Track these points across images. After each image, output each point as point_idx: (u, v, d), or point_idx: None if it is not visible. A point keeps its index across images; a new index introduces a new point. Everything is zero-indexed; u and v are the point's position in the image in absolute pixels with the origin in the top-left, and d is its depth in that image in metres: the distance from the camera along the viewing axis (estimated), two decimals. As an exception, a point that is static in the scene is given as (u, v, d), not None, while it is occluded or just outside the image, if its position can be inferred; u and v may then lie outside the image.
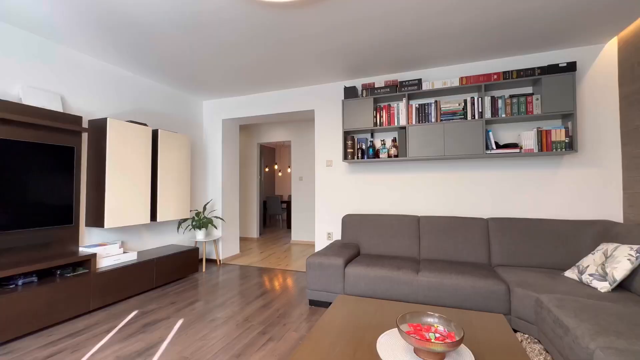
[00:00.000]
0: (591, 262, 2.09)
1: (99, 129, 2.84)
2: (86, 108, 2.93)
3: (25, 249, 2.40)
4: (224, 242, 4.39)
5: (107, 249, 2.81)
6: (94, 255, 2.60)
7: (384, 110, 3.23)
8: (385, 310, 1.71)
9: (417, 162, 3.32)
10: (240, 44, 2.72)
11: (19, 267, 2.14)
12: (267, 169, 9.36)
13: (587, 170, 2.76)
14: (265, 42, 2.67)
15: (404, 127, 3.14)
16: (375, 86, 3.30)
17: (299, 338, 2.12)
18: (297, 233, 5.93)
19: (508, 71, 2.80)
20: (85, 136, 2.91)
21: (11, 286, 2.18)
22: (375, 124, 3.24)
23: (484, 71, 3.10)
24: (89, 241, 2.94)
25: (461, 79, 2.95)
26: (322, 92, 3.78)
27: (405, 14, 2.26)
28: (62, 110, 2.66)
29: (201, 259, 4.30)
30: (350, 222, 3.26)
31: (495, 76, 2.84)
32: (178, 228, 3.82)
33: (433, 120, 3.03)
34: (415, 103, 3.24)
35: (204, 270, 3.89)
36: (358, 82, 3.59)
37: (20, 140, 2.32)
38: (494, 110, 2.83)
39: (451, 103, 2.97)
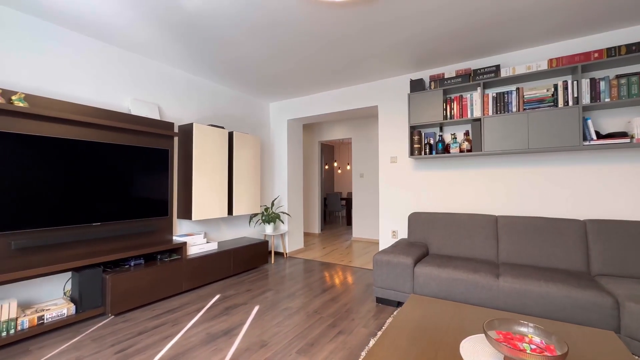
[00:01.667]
0: None
1: (186, 133, 3.24)
2: (176, 115, 3.36)
3: (133, 236, 2.86)
4: (289, 236, 4.61)
5: (194, 238, 3.19)
6: (185, 243, 2.98)
7: (454, 102, 3.02)
8: (464, 314, 1.61)
9: (494, 157, 3.03)
10: (304, 44, 2.81)
11: (132, 251, 2.57)
12: (326, 167, 9.52)
13: None
14: (329, 40, 2.72)
15: (478, 119, 2.90)
16: (445, 77, 3.10)
17: (368, 334, 2.13)
18: (358, 230, 5.92)
19: (614, 47, 2.38)
20: (176, 140, 3.33)
21: (126, 266, 2.63)
22: (445, 117, 3.05)
23: (579, 50, 2.68)
24: (179, 231, 3.38)
25: (550, 61, 2.60)
26: (385, 87, 3.70)
27: (484, -4, 2.08)
28: (159, 118, 3.09)
29: (270, 251, 4.60)
30: (417, 220, 3.14)
31: (595, 54, 2.43)
32: (249, 222, 4.14)
33: (514, 109, 2.73)
34: (491, 92, 2.96)
35: (272, 262, 4.15)
36: (425, 74, 3.42)
37: (129, 144, 2.77)
38: (595, 94, 2.43)
39: (537, 89, 2.64)
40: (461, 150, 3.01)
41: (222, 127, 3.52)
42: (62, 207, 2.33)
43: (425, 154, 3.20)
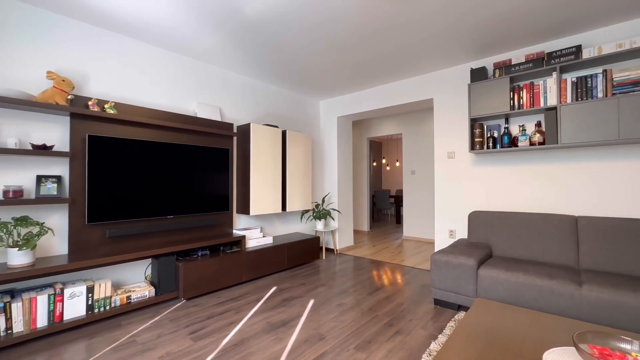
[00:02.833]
0: None
1: (244, 133, 3.43)
2: (234, 116, 3.57)
3: (199, 229, 3.12)
4: (339, 233, 4.64)
5: (251, 232, 3.38)
6: (244, 237, 3.17)
7: (524, 90, 2.74)
8: (544, 323, 1.46)
9: (573, 150, 2.69)
10: (355, 39, 2.78)
11: (199, 242, 2.81)
12: (374, 163, 9.36)
13: None
14: (381, 32, 2.65)
15: (553, 108, 2.59)
16: (512, 63, 2.82)
17: (428, 336, 2.05)
18: (409, 229, 5.72)
19: None
20: (234, 139, 3.55)
21: (194, 256, 2.88)
22: (512, 107, 2.79)
23: (690, 19, 2.24)
24: (238, 225, 3.60)
25: (649, 35, 2.22)
26: (441, 78, 3.50)
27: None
28: (220, 120, 3.32)
29: (321, 247, 4.67)
30: (478, 219, 2.93)
31: None
32: (301, 218, 4.25)
33: (599, 95, 2.39)
34: (570, 76, 2.63)
35: (323, 257, 4.21)
36: (488, 62, 3.16)
37: (195, 145, 3.02)
38: None
39: (631, 70, 2.27)
40: (531, 144, 2.73)
41: (276, 126, 3.66)
42: (144, 202, 2.64)
43: (488, 148, 2.96)
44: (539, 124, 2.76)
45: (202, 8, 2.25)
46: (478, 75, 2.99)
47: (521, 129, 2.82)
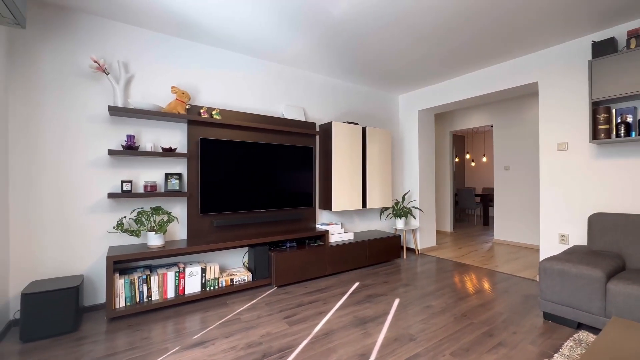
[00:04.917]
0: None
1: (326, 131, 3.54)
2: (316, 115, 3.72)
3: (287, 222, 3.35)
4: (421, 233, 4.42)
5: (333, 227, 3.47)
6: (327, 231, 3.28)
7: (675, 61, 2.16)
8: None
9: None
10: (444, 25, 2.58)
11: (288, 234, 3.02)
12: (457, 159, 8.63)
13: None
14: (478, 15, 2.40)
15: None
16: (657, 28, 2.25)
17: (539, 354, 1.80)
18: (502, 231, 5.10)
19: None
20: (317, 138, 3.69)
21: (284, 247, 3.11)
22: (656, 85, 2.23)
23: None
24: (320, 221, 3.74)
25: None
26: (548, 57, 3.00)
27: None
28: (304, 119, 3.50)
29: (402, 246, 4.52)
30: (603, 223, 2.43)
31: None
32: (380, 215, 4.19)
33: None
34: None
35: (404, 257, 4.07)
36: (617, 31, 2.59)
37: (283, 144, 3.24)
38: None
39: None
40: (688, 129, 2.13)
41: (356, 124, 3.68)
42: (242, 196, 2.96)
43: (618, 136, 2.43)
44: (700, 103, 2.15)
45: (295, 17, 2.40)
46: (603, 48, 2.48)
47: (671, 110, 2.23)
